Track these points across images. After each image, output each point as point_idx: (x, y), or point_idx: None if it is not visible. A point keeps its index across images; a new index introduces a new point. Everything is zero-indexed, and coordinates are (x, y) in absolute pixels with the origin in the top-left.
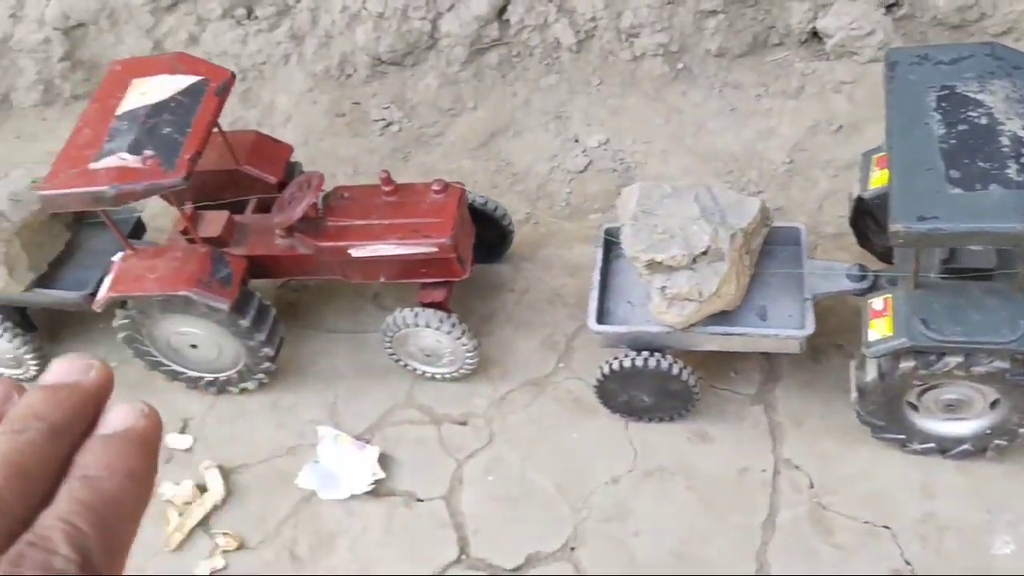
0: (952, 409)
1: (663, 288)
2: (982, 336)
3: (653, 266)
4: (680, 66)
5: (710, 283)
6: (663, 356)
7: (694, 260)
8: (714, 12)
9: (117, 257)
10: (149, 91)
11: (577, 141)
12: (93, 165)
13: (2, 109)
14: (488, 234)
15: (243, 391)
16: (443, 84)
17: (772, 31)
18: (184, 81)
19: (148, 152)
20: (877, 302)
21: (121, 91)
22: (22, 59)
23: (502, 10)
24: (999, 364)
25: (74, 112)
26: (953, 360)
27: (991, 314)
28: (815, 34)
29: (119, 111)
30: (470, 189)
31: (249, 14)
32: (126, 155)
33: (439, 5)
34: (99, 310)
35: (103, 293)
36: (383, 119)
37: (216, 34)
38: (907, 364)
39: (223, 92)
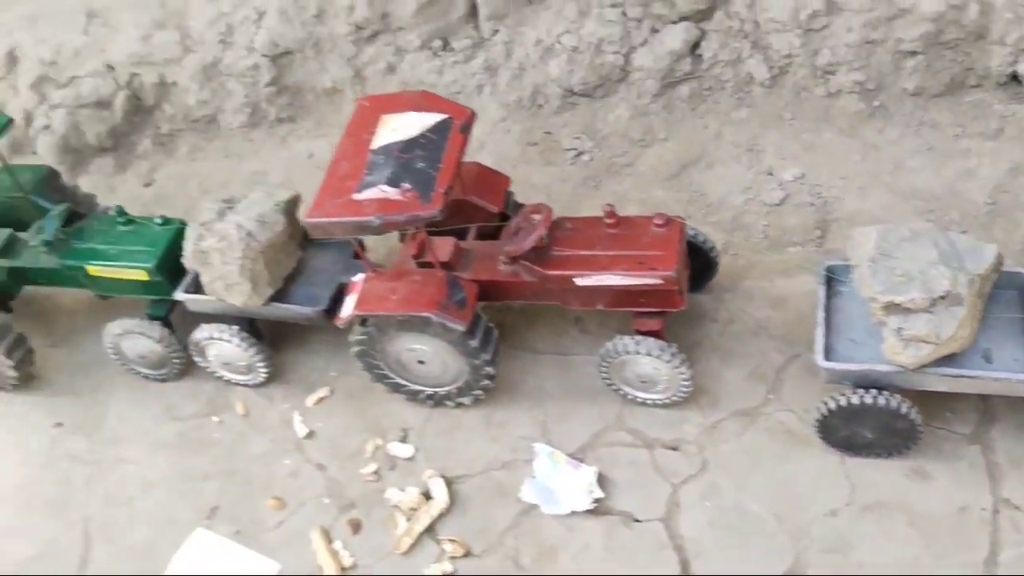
0: None
1: (899, 329)
2: None
3: (891, 308)
4: (876, 104)
5: (948, 326)
6: (891, 395)
7: (932, 303)
8: (913, 53)
9: (358, 278)
10: (399, 127)
11: (771, 174)
12: (356, 196)
13: (211, 129)
14: (694, 264)
15: (459, 405)
16: (634, 115)
17: (970, 73)
18: (431, 119)
19: (406, 185)
20: None
21: (372, 126)
22: (231, 83)
23: (695, 45)
24: None
25: (278, 135)
26: None
27: None
28: (1014, 77)
29: (373, 145)
30: None
31: (445, 46)
32: (386, 187)
33: (633, 39)
34: (343, 327)
35: (348, 311)
36: (574, 148)
37: (413, 64)
38: None
39: (467, 129)
